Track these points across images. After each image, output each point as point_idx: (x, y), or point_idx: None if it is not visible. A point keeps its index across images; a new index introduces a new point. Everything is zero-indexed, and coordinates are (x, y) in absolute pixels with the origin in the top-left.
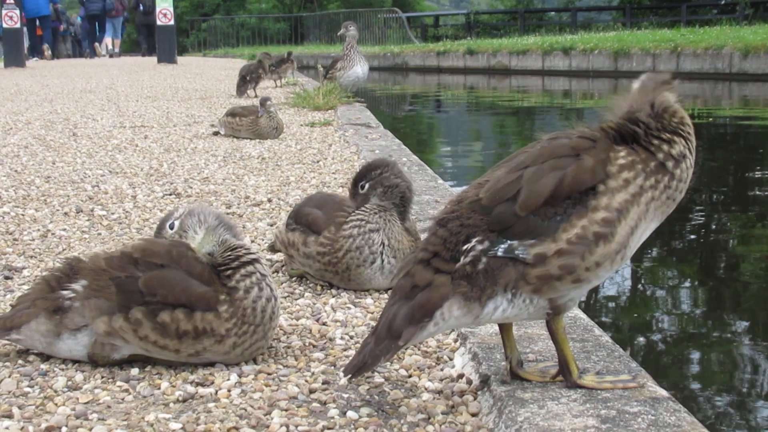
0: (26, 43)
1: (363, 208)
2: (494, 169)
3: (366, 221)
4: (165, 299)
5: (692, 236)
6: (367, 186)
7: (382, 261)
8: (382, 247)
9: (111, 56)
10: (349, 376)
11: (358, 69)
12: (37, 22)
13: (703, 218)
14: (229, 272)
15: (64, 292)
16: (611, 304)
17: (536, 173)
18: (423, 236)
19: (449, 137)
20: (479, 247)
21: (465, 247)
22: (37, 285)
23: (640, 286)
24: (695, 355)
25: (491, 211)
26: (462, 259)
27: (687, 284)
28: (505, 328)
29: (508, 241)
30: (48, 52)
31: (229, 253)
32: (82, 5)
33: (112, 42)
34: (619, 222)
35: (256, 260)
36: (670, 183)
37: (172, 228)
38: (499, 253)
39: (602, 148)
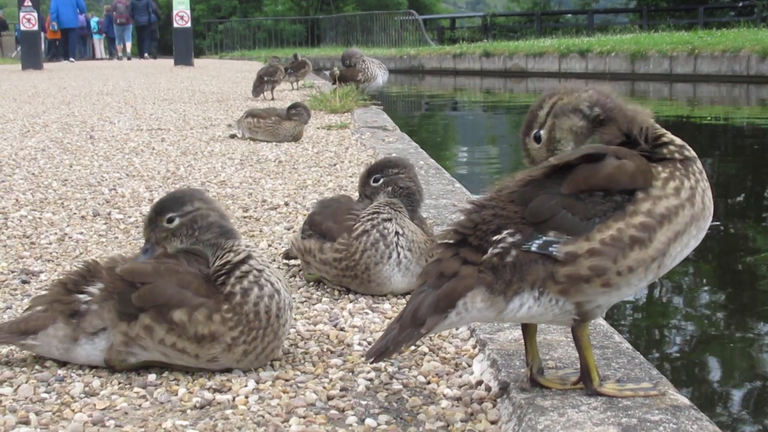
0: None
1: (373, 205)
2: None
3: (378, 213)
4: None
5: (710, 240)
6: (381, 181)
7: (398, 254)
8: (397, 237)
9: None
10: (372, 359)
11: (379, 80)
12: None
13: (721, 223)
14: (222, 278)
15: (81, 296)
16: (630, 310)
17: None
18: (457, 217)
19: (466, 140)
20: (510, 240)
21: (495, 237)
22: (53, 287)
23: (658, 291)
24: (716, 362)
25: (529, 201)
26: (490, 250)
27: (706, 289)
28: (528, 335)
29: (543, 237)
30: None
31: (220, 262)
32: (132, 17)
33: (123, 47)
34: (660, 227)
35: (248, 257)
36: (705, 184)
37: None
38: (533, 248)
39: (641, 160)
